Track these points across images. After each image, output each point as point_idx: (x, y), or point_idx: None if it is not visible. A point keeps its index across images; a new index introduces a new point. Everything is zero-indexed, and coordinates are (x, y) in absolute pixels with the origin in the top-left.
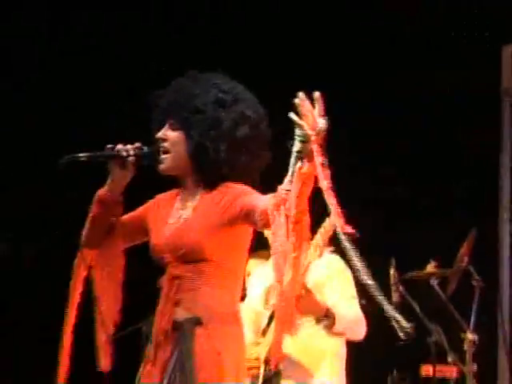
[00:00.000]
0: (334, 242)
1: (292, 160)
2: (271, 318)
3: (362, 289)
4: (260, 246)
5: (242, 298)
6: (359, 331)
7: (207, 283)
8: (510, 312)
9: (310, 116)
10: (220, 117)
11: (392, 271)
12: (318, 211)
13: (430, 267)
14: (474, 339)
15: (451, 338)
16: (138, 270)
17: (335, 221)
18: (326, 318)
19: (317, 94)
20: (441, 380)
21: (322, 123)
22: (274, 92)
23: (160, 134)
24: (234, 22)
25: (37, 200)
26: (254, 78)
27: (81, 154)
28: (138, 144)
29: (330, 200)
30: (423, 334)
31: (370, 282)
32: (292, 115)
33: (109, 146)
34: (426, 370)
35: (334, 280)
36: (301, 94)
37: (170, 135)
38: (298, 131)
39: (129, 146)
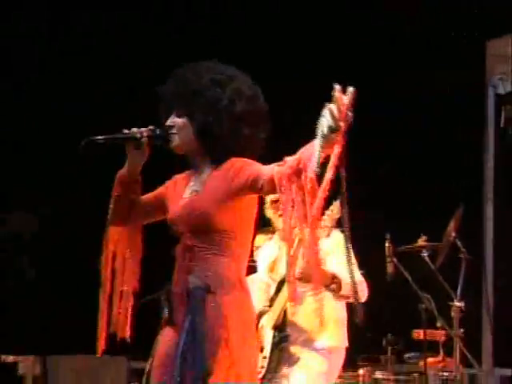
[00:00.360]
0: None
1: (317, 142)
2: (279, 288)
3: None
4: (266, 224)
5: (253, 271)
6: (362, 293)
7: (217, 253)
8: (493, 282)
9: (343, 108)
10: (218, 95)
11: (387, 244)
12: (327, 195)
13: (421, 241)
14: (461, 306)
15: (440, 305)
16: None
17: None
18: (334, 284)
19: (350, 89)
20: (431, 343)
21: (350, 115)
22: (274, 92)
23: (168, 122)
24: (234, 22)
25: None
26: (253, 79)
27: (99, 137)
28: (150, 126)
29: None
30: (415, 301)
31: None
32: (330, 106)
33: (125, 130)
34: (418, 333)
35: (336, 251)
36: (337, 87)
37: (176, 121)
38: (330, 120)
39: (142, 129)
